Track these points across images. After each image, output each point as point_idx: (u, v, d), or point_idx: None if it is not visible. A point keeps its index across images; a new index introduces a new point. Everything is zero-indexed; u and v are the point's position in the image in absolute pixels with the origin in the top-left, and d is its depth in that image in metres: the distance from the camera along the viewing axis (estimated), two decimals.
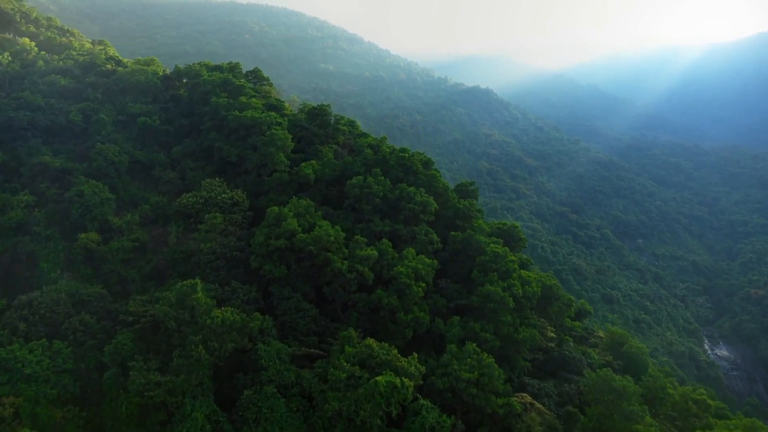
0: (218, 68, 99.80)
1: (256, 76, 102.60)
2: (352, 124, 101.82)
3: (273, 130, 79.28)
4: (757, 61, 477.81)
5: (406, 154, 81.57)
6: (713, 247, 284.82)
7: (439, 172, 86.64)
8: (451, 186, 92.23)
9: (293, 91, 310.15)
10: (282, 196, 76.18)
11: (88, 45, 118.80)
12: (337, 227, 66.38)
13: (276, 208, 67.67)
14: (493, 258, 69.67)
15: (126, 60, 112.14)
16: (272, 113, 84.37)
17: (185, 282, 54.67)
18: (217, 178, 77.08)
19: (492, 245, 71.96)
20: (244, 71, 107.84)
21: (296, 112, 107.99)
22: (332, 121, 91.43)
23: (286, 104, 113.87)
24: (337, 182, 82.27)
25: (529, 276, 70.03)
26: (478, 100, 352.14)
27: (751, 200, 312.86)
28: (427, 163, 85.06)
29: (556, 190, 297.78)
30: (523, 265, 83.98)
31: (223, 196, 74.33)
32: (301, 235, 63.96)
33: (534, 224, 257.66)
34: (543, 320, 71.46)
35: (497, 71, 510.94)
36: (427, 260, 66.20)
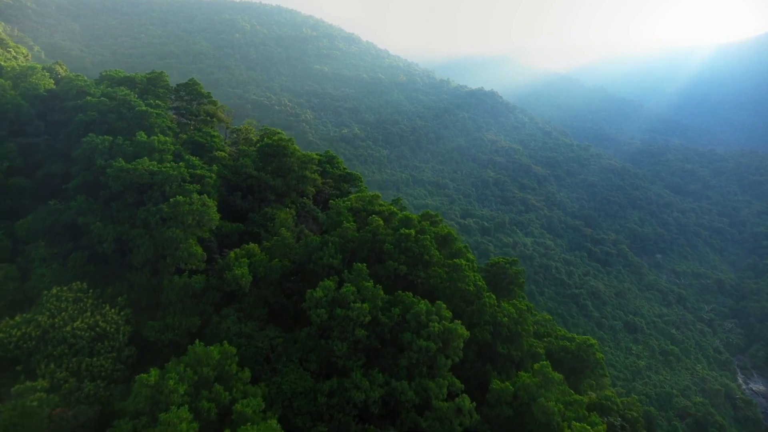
0: (128, 81, 62.30)
1: (189, 91, 65.18)
2: (331, 161, 64.90)
3: (184, 195, 42.63)
4: (766, 62, 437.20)
5: (412, 232, 44.74)
6: (736, 263, 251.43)
7: (467, 257, 49.50)
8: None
9: (285, 94, 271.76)
10: (190, 316, 39.92)
11: None
12: (274, 423, 30.10)
13: (150, 377, 31.40)
14: None
15: (9, 66, 74.63)
16: (192, 160, 47.51)
17: None
18: (78, 283, 40.74)
19: (575, 423, 35.76)
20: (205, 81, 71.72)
21: (256, 141, 71.03)
22: (295, 166, 54.45)
23: (243, 128, 76.77)
24: (297, 272, 46.15)
25: None
26: (483, 103, 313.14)
27: None
28: (446, 241, 48.34)
29: (567, 200, 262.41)
30: (602, 410, 48.00)
31: (79, 322, 38.03)
32: None
33: (546, 240, 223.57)
34: None
35: (499, 73, 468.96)
36: None
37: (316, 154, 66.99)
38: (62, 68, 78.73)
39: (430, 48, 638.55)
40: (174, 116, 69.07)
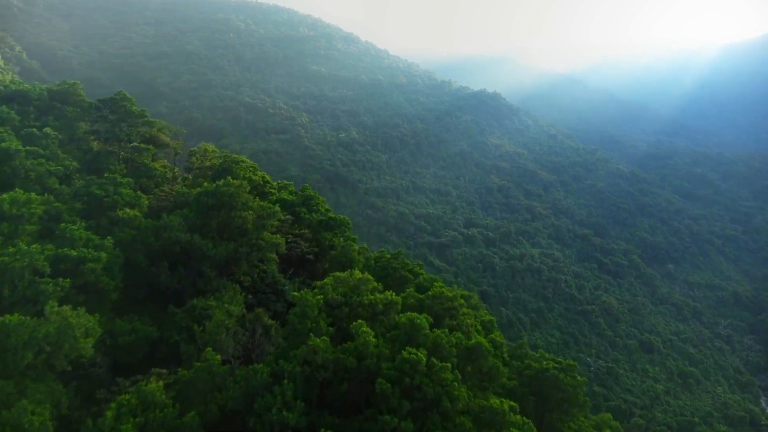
0: (20, 96, 41.50)
1: (115, 108, 45.12)
2: (307, 202, 45.03)
3: (33, 304, 22.94)
4: None
5: (422, 357, 25.06)
6: (751, 273, 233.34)
7: (503, 371, 29.70)
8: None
9: (280, 96, 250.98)
10: None
11: None
12: None
13: None
14: None
15: None
16: (71, 230, 27.76)
17: None
18: None
19: None
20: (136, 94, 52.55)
21: (216, 170, 51.12)
22: (249, 224, 34.79)
23: (200, 151, 56.70)
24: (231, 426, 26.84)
25: None
26: (485, 105, 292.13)
27: None
28: (474, 356, 28.78)
29: (575, 207, 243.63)
30: None
31: None
32: None
33: (554, 251, 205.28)
34: None
35: (499, 73, 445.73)
36: None
37: (288, 193, 46.90)
38: None
39: (429, 48, 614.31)
40: (98, 142, 49.04)
